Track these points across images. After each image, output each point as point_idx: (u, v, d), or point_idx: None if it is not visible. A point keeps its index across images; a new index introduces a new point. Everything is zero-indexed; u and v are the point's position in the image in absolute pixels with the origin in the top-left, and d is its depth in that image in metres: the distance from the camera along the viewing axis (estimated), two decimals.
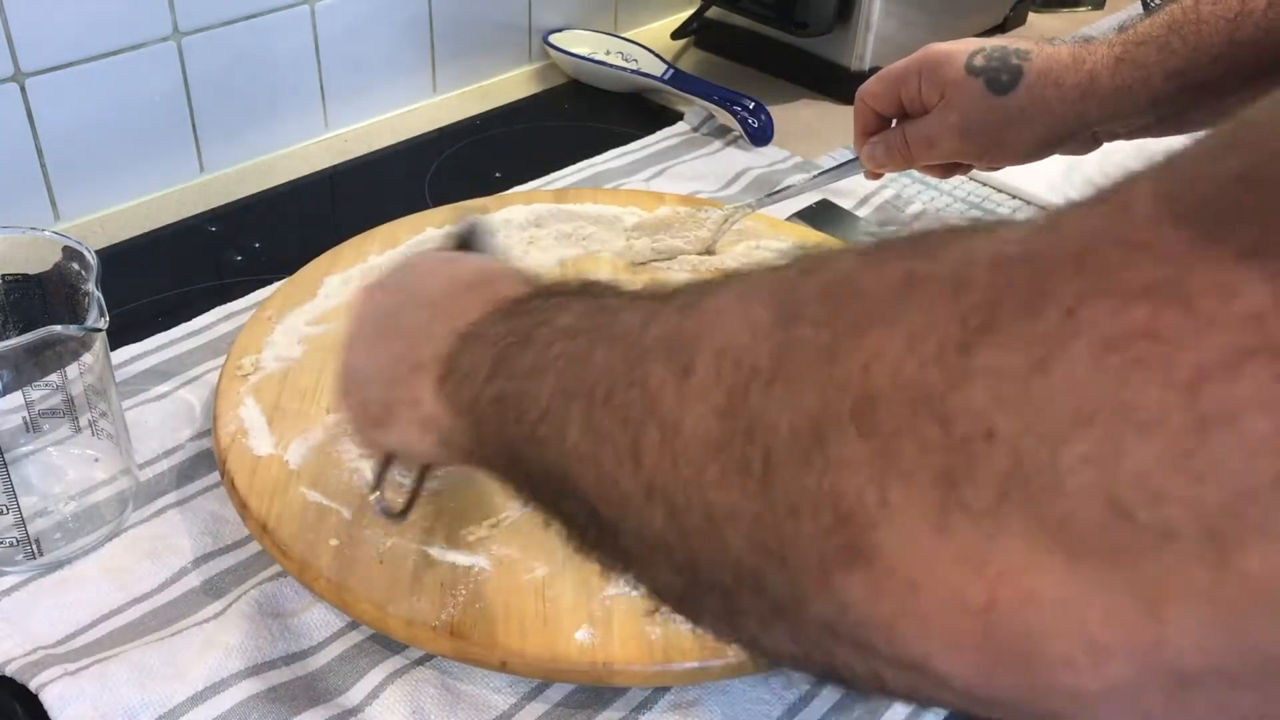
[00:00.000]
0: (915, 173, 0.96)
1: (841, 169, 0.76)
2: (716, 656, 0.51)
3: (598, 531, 0.32)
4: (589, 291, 0.39)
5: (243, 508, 0.58)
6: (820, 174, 0.79)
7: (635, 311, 0.33)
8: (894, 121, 0.73)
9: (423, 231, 0.79)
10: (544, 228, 0.80)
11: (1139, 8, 0.67)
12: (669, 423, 0.27)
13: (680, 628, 0.52)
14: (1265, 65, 0.61)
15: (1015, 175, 0.93)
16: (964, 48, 0.67)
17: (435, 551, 0.55)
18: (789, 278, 0.28)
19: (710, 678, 0.52)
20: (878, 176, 0.75)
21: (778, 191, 0.81)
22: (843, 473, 0.23)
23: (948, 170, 0.74)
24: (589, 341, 0.33)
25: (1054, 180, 0.92)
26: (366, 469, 0.60)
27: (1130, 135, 0.66)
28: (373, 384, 0.46)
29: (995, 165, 0.71)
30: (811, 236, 0.82)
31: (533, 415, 0.34)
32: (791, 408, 0.24)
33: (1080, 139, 0.67)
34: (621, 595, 0.53)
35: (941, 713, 0.53)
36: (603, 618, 0.52)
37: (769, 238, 0.80)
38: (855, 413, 0.23)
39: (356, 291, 0.52)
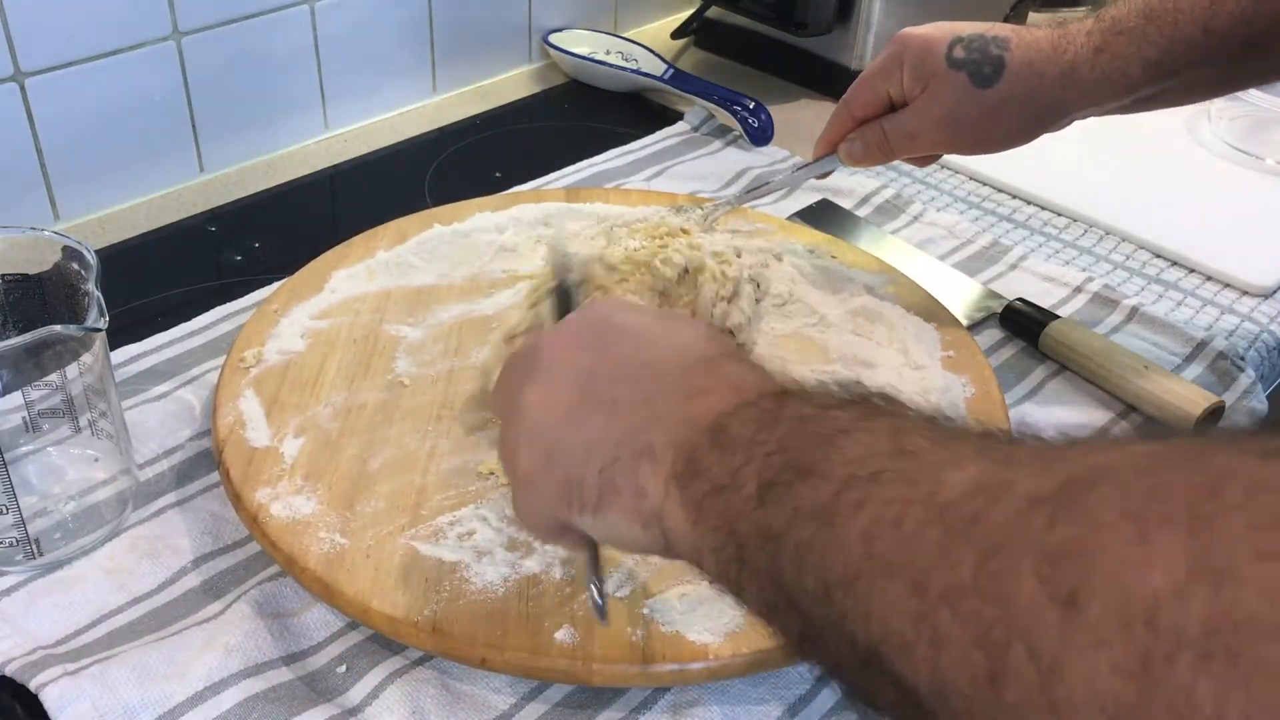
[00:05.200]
0: (915, 173, 0.96)
1: (819, 164, 0.75)
2: (696, 659, 0.51)
3: (911, 711, 0.29)
4: (868, 406, 0.34)
5: (236, 499, 0.58)
6: (798, 170, 0.77)
7: (958, 466, 0.29)
8: None
9: (430, 228, 0.79)
10: (552, 227, 0.81)
11: None
12: (1045, 659, 0.24)
13: (662, 629, 0.52)
14: (1236, 53, 0.62)
15: (1015, 176, 0.93)
16: (941, 35, 0.67)
17: (423, 548, 0.56)
18: (1194, 499, 0.23)
19: (690, 680, 0.52)
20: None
21: (758, 188, 0.81)
22: None
23: (926, 160, 0.74)
24: (903, 501, 0.29)
25: (1055, 182, 0.92)
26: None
27: (1101, 114, 0.67)
28: (583, 462, 0.40)
29: (974, 154, 0.71)
30: (812, 236, 0.82)
31: (827, 574, 0.30)
32: (1238, 691, 0.21)
33: (1057, 124, 0.67)
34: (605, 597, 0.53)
35: None
36: (585, 618, 0.52)
37: (775, 238, 0.80)
38: None
39: (528, 341, 0.45)
